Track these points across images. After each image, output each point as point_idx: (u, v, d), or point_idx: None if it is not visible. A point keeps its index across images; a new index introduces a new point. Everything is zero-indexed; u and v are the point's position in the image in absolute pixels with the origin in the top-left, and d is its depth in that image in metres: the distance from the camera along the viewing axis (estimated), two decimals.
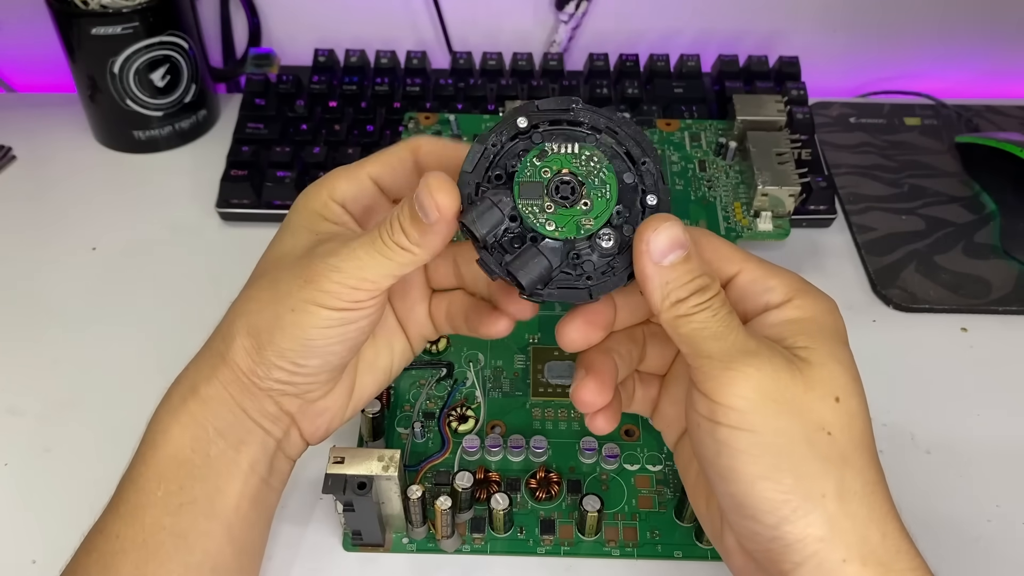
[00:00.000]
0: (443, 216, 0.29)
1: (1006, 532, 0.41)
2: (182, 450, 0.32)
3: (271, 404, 0.32)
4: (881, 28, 0.66)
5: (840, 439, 0.27)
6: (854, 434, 0.28)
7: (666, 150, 0.54)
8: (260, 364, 0.31)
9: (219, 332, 0.33)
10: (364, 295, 0.30)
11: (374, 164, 0.34)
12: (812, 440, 0.27)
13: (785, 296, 0.30)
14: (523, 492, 0.41)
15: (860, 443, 0.28)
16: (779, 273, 0.30)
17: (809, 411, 0.27)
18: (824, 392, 0.28)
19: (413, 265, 0.30)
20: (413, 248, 0.30)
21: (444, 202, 0.28)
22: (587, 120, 0.30)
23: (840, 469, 0.27)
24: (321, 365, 0.32)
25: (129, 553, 0.31)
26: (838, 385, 0.28)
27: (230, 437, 0.32)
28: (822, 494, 0.27)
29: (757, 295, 0.30)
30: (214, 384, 0.32)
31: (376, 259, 0.30)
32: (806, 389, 0.27)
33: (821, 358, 0.28)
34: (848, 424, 0.28)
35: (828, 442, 0.27)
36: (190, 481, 0.32)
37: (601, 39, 0.67)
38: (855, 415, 0.28)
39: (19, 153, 0.61)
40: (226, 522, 0.32)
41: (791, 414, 0.27)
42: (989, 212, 0.56)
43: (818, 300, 0.30)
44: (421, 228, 0.29)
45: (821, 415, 0.27)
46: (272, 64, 0.64)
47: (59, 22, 0.56)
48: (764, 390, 0.27)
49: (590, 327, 0.31)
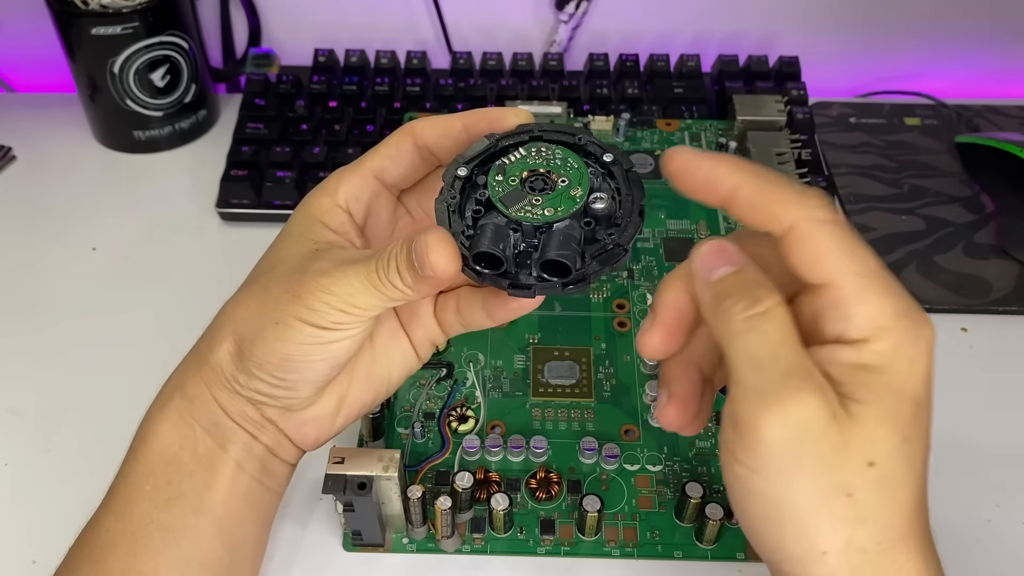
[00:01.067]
0: (436, 276, 0.29)
1: (1006, 532, 0.41)
2: (170, 446, 0.32)
3: (252, 409, 0.32)
4: (881, 28, 0.66)
5: (864, 501, 0.25)
6: (883, 498, 0.26)
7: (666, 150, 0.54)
8: (241, 372, 0.31)
9: (208, 332, 0.33)
10: (351, 320, 0.30)
11: (374, 159, 0.33)
12: (828, 500, 0.25)
13: (862, 333, 0.26)
14: (523, 492, 0.41)
15: (888, 505, 0.26)
16: (869, 299, 0.26)
17: (834, 471, 0.25)
18: (857, 455, 0.25)
19: (403, 301, 0.30)
20: (406, 290, 0.30)
21: (439, 264, 0.28)
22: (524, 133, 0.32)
23: (853, 528, 0.26)
24: (300, 380, 0.31)
25: (119, 546, 0.31)
26: (878, 450, 0.25)
27: (215, 436, 0.32)
28: (823, 551, 0.26)
29: (835, 320, 0.26)
30: (199, 384, 0.32)
31: (368, 290, 0.30)
32: (837, 448, 0.25)
33: (871, 418, 0.25)
34: (877, 489, 0.26)
35: (847, 504, 0.25)
36: (178, 476, 0.32)
37: (601, 39, 0.67)
38: (891, 481, 0.26)
39: (19, 153, 0.61)
40: (214, 517, 0.32)
41: (812, 470, 0.25)
42: (989, 212, 0.56)
43: (902, 345, 0.26)
44: (415, 276, 0.29)
45: (845, 477, 0.25)
46: (272, 64, 0.64)
47: (59, 22, 0.56)
48: (787, 441, 0.25)
49: (669, 334, 0.30)
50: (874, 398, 0.25)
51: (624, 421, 0.43)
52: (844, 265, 0.26)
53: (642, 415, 0.43)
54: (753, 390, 0.25)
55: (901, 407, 0.26)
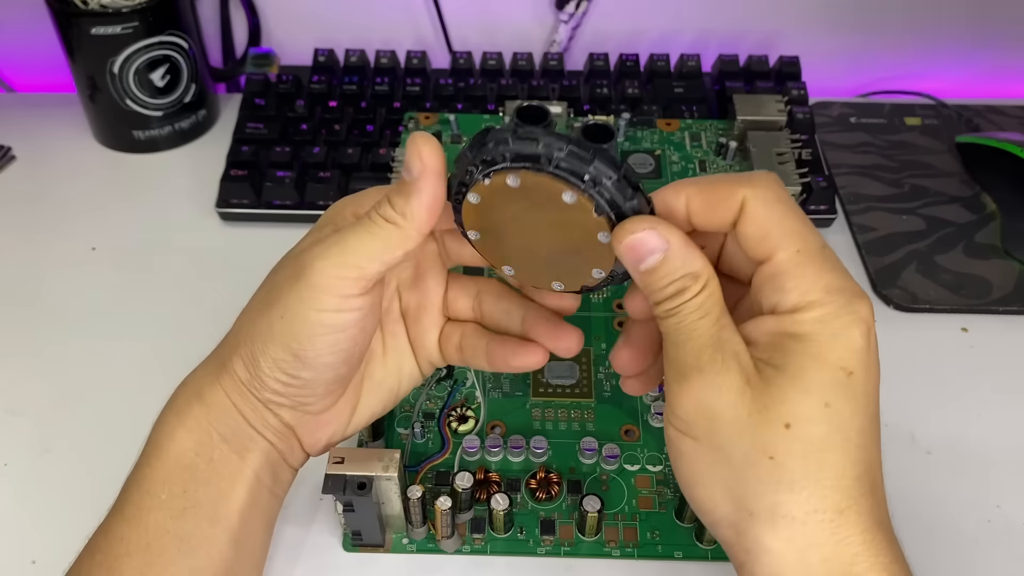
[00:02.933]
0: (426, 163, 0.28)
1: (1006, 532, 0.41)
2: (186, 454, 0.32)
3: (271, 416, 0.32)
4: (881, 28, 0.66)
5: (787, 465, 0.26)
6: (808, 463, 0.26)
7: (666, 150, 0.54)
8: (256, 375, 0.31)
9: (226, 339, 0.33)
10: (351, 285, 0.30)
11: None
12: (752, 462, 0.27)
13: (792, 306, 0.27)
14: (523, 492, 0.41)
15: (815, 472, 0.26)
16: (804, 274, 0.27)
17: (752, 433, 0.26)
18: (773, 416, 0.26)
19: (401, 245, 0.29)
20: (399, 219, 0.29)
21: (425, 150, 0.28)
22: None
23: (777, 494, 0.26)
24: (314, 377, 0.31)
25: (133, 556, 0.31)
26: (793, 411, 0.26)
27: (234, 443, 0.32)
28: (749, 512, 0.27)
29: (771, 293, 0.28)
30: (218, 391, 0.32)
31: (363, 240, 0.29)
32: (752, 411, 0.26)
33: (785, 380, 0.26)
34: (802, 454, 0.26)
35: (770, 466, 0.26)
36: (194, 485, 0.32)
37: (601, 39, 0.67)
38: (815, 445, 0.26)
39: (19, 153, 0.61)
40: (230, 527, 0.32)
41: (732, 432, 0.27)
42: (989, 212, 0.56)
43: (827, 318, 0.27)
44: (406, 191, 0.29)
45: (765, 439, 0.26)
46: (272, 64, 0.64)
47: (59, 22, 0.56)
48: (704, 407, 0.27)
49: (638, 351, 0.32)
50: (788, 362, 0.26)
51: (624, 421, 0.43)
52: (785, 242, 0.27)
53: (642, 415, 0.43)
54: (672, 362, 0.28)
55: (821, 373, 0.26)
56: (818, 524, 0.26)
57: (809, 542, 0.26)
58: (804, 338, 0.27)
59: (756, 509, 0.27)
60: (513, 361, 0.34)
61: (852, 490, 0.26)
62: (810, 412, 0.26)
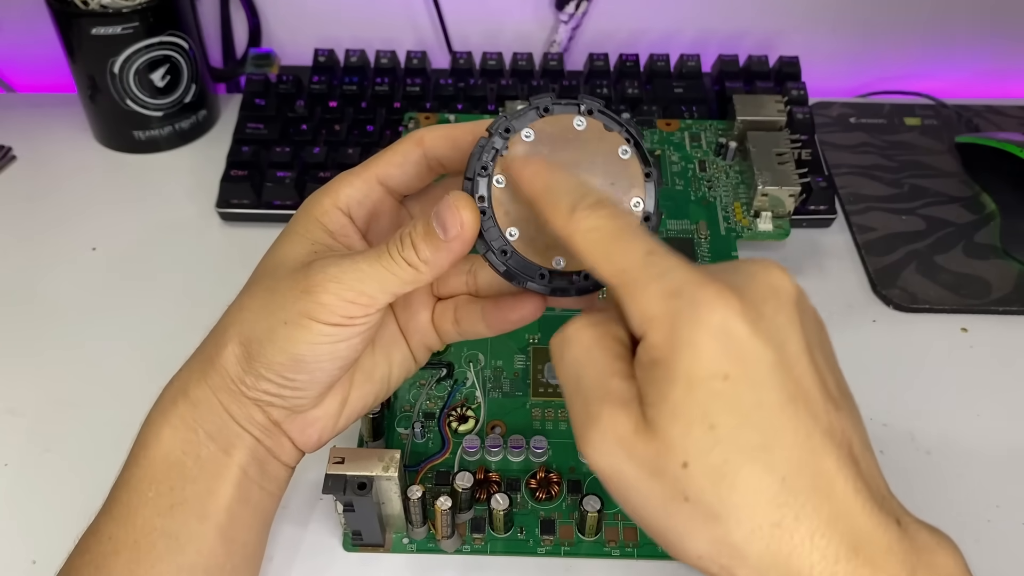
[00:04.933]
0: (464, 232, 0.29)
1: (1006, 532, 0.41)
2: (173, 452, 0.32)
3: (258, 413, 0.32)
4: (881, 28, 0.66)
5: (703, 500, 0.24)
6: (721, 491, 0.24)
7: (666, 150, 0.54)
8: (249, 374, 0.31)
9: (212, 336, 0.33)
10: (359, 310, 0.30)
11: (379, 164, 0.33)
12: (671, 510, 0.25)
13: (640, 329, 0.25)
14: (523, 492, 0.41)
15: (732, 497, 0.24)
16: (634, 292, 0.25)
17: (658, 481, 0.24)
18: (668, 460, 0.24)
19: (414, 284, 0.30)
20: (420, 265, 0.30)
21: (468, 218, 0.29)
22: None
23: (708, 528, 0.24)
24: (309, 380, 0.31)
25: (121, 554, 0.31)
26: (683, 449, 0.24)
27: (220, 440, 0.32)
28: (697, 556, 0.25)
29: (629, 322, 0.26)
30: (203, 388, 0.32)
31: (379, 272, 0.30)
32: (648, 459, 0.24)
33: (664, 419, 0.24)
34: (712, 485, 0.24)
35: (689, 508, 0.24)
36: (181, 482, 0.32)
37: (601, 39, 0.67)
38: (721, 472, 0.24)
39: (19, 153, 0.61)
40: (218, 523, 0.32)
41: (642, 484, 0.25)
42: (989, 212, 0.56)
43: (675, 329, 0.24)
44: (434, 244, 0.29)
45: (672, 484, 0.24)
46: (272, 64, 0.64)
47: (59, 22, 0.56)
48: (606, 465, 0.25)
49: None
50: (660, 397, 0.24)
51: None
52: (611, 265, 0.26)
53: None
54: (572, 421, 0.26)
55: (691, 395, 0.24)
56: (761, 542, 0.24)
57: (762, 564, 0.24)
58: (661, 363, 0.24)
59: (700, 551, 0.25)
60: (511, 315, 0.33)
61: (780, 498, 0.24)
62: (698, 443, 0.24)
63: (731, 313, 0.24)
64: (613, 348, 0.26)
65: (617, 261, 0.26)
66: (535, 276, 0.31)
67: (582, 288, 0.31)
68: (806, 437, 0.24)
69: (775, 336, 0.25)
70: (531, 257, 0.31)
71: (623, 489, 0.25)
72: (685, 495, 0.24)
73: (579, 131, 0.31)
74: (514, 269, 0.31)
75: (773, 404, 0.24)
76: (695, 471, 0.24)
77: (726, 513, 0.24)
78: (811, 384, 0.25)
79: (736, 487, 0.24)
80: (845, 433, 0.25)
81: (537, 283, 0.31)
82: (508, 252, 0.30)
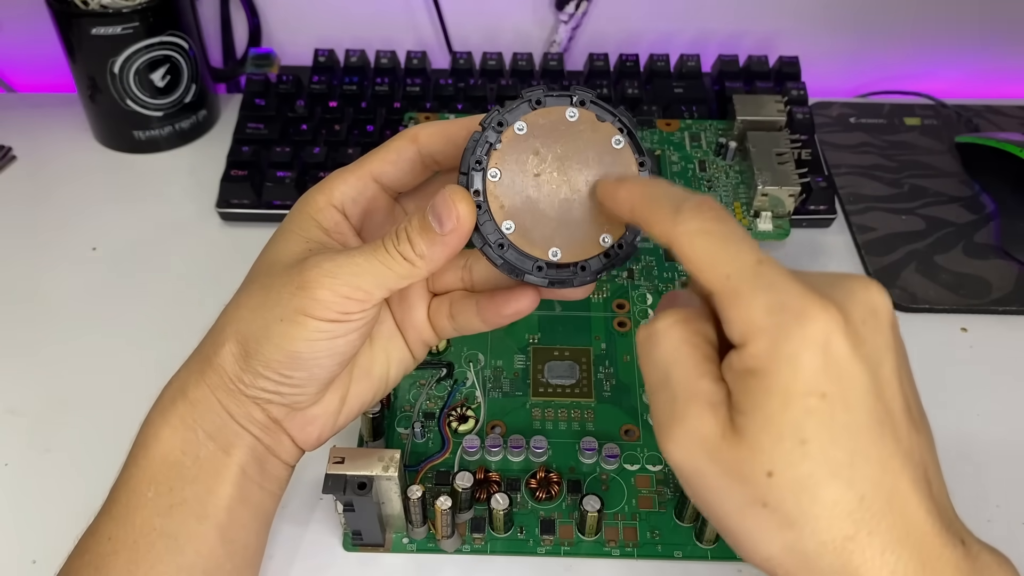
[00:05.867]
0: (461, 225, 0.29)
1: (1006, 532, 0.41)
2: (172, 452, 0.32)
3: (258, 411, 0.32)
4: (881, 28, 0.66)
5: (782, 509, 0.25)
6: (802, 502, 0.24)
7: (666, 150, 0.54)
8: (247, 372, 0.31)
9: (210, 335, 0.33)
10: (355, 306, 0.30)
11: (374, 161, 0.33)
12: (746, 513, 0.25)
13: (741, 337, 0.25)
14: (523, 492, 0.41)
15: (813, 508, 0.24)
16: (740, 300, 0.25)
17: (739, 487, 0.25)
18: (754, 468, 0.25)
19: (409, 279, 0.30)
20: (416, 260, 0.30)
21: (464, 211, 0.29)
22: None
23: (782, 534, 0.25)
24: (308, 377, 0.31)
25: (120, 554, 0.31)
26: (771, 459, 0.24)
27: (219, 440, 0.32)
28: (766, 557, 0.26)
29: (726, 328, 0.26)
30: (202, 387, 0.32)
31: (374, 267, 0.30)
32: (733, 465, 0.25)
33: (755, 429, 0.25)
34: (793, 495, 0.24)
35: (766, 514, 0.25)
36: (180, 483, 0.32)
37: (601, 39, 0.67)
38: (804, 485, 0.24)
39: (19, 153, 0.61)
40: (218, 523, 0.32)
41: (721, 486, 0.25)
42: (989, 212, 0.56)
43: (778, 343, 0.24)
44: (430, 238, 0.29)
45: (753, 491, 0.25)
46: (272, 64, 0.64)
47: (59, 22, 0.56)
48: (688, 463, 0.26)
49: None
50: (754, 407, 0.25)
51: (624, 421, 0.43)
52: (715, 270, 0.26)
53: (642, 415, 0.43)
54: (655, 416, 0.27)
55: (788, 410, 0.24)
56: (832, 554, 0.24)
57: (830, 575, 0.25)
58: (760, 373, 0.24)
59: (770, 554, 0.25)
60: (506, 309, 0.33)
61: (857, 514, 0.24)
62: (787, 456, 0.24)
63: (835, 333, 0.24)
64: (703, 348, 0.27)
65: (723, 267, 0.25)
66: (532, 269, 0.31)
67: (582, 280, 0.31)
68: (888, 458, 0.25)
69: (872, 358, 0.25)
70: (527, 250, 0.31)
71: (701, 488, 0.26)
72: (764, 502, 0.25)
73: (572, 122, 0.31)
74: (511, 262, 0.31)
75: (862, 425, 0.25)
76: (780, 481, 0.24)
77: (803, 523, 0.25)
78: (897, 408, 0.26)
79: (817, 500, 0.24)
80: (922, 456, 0.26)
81: (535, 275, 0.31)
82: (504, 245, 0.30)
